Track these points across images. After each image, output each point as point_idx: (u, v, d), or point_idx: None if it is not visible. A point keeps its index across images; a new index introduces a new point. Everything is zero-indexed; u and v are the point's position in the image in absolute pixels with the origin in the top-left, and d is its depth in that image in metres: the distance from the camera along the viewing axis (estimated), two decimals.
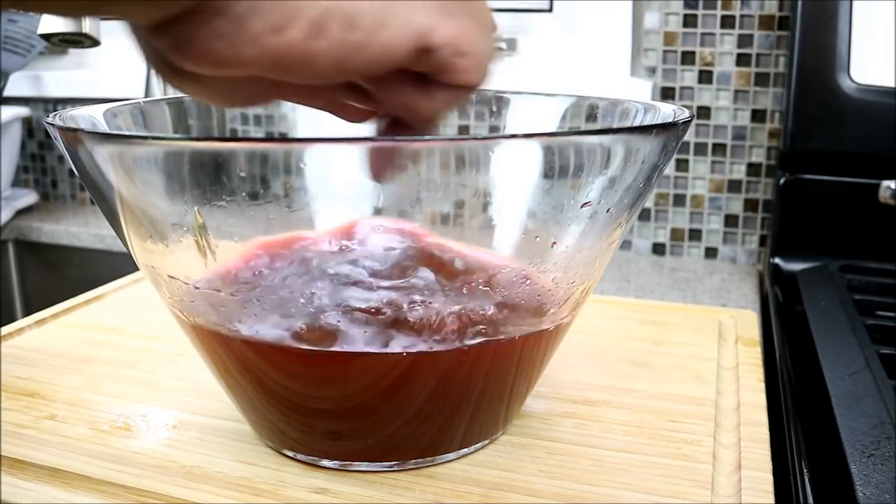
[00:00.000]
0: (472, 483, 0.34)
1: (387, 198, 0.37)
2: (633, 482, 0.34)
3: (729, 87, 0.72)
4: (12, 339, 0.49)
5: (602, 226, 0.33)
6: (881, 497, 0.31)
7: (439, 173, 0.30)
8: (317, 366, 0.32)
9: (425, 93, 0.27)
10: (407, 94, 0.27)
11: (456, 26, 0.25)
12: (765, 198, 0.73)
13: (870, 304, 0.53)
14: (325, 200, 0.34)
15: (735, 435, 0.38)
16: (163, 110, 0.41)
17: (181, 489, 0.34)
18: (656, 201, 0.76)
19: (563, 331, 0.37)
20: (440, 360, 0.32)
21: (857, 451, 0.34)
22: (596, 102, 0.42)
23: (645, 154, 0.31)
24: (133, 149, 0.29)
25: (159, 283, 0.33)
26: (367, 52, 0.23)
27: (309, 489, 0.34)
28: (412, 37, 0.24)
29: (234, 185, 0.29)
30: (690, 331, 0.51)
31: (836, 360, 0.44)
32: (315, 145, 0.29)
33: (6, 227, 0.95)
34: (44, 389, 0.43)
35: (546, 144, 0.30)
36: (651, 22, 0.73)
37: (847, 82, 0.62)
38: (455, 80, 0.26)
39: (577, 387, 0.43)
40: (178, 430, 0.38)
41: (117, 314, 0.53)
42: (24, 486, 0.34)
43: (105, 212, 0.33)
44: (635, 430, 0.38)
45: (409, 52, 0.24)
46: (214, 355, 0.34)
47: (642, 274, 0.72)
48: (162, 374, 0.44)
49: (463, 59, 0.25)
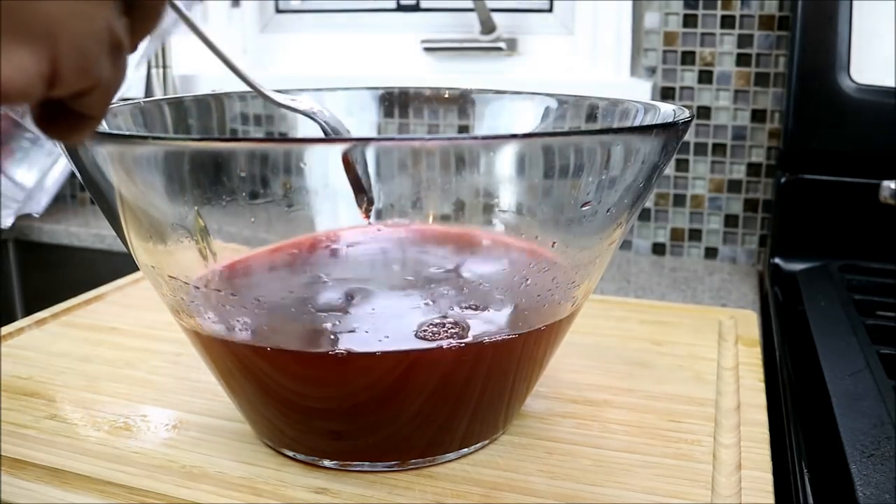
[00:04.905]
0: (473, 483, 0.34)
1: (387, 198, 0.37)
2: (634, 482, 0.34)
3: (729, 87, 0.72)
4: (12, 339, 0.49)
5: (602, 226, 0.33)
6: (881, 497, 0.31)
7: (439, 173, 0.30)
8: (317, 366, 0.32)
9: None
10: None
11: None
12: (765, 198, 0.73)
13: (870, 304, 0.53)
14: (325, 200, 0.34)
15: (735, 435, 0.38)
16: (163, 110, 0.41)
17: (181, 489, 0.34)
18: (656, 201, 0.76)
19: (564, 330, 0.37)
20: (440, 360, 0.32)
21: (857, 451, 0.34)
22: (596, 102, 0.42)
23: (645, 154, 0.31)
24: (133, 149, 0.29)
25: (159, 283, 0.33)
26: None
27: (309, 489, 0.34)
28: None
29: (234, 185, 0.29)
30: (690, 331, 0.51)
31: (836, 360, 0.44)
32: (315, 145, 0.29)
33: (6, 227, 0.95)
34: (44, 389, 0.43)
35: (546, 144, 0.30)
36: (651, 22, 0.73)
37: (847, 82, 0.62)
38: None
39: (577, 387, 0.43)
40: (178, 430, 0.38)
41: (117, 314, 0.53)
42: (24, 486, 0.34)
43: (105, 212, 0.33)
44: (635, 430, 0.38)
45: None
46: (214, 355, 0.34)
47: (642, 274, 0.72)
48: (162, 374, 0.44)
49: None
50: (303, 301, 0.34)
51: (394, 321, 0.33)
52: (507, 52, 0.81)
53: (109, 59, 0.21)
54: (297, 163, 0.30)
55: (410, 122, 0.60)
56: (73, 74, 0.20)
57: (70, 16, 0.19)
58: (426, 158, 0.29)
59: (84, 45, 0.20)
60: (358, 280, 0.35)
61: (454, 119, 0.50)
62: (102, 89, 0.21)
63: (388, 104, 0.50)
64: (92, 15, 0.20)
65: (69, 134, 0.23)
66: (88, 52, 0.20)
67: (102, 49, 0.21)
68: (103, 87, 0.21)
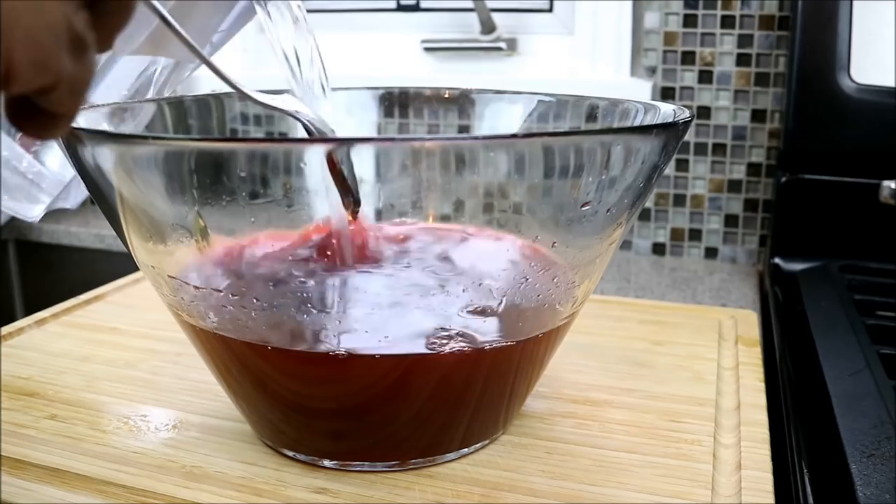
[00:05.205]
0: (473, 483, 0.34)
1: (387, 198, 0.37)
2: (634, 482, 0.34)
3: (729, 87, 0.72)
4: (12, 339, 0.49)
5: (602, 226, 0.33)
6: (881, 497, 0.31)
7: (439, 173, 0.30)
8: (317, 366, 0.32)
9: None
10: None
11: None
12: (765, 198, 0.73)
13: (870, 304, 0.53)
14: (326, 200, 0.34)
15: (735, 435, 0.38)
16: (163, 110, 0.41)
17: (181, 489, 0.34)
18: (656, 201, 0.76)
19: (564, 330, 0.37)
20: (440, 360, 0.32)
21: (857, 451, 0.34)
22: (596, 102, 0.42)
23: (645, 154, 0.31)
24: (133, 149, 0.29)
25: (159, 283, 0.33)
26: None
27: (309, 489, 0.34)
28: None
29: (234, 185, 0.29)
30: (690, 331, 0.51)
31: (836, 360, 0.44)
32: (315, 145, 0.29)
33: (6, 227, 0.95)
34: (44, 389, 0.43)
35: (546, 144, 0.30)
36: (651, 22, 0.73)
37: (847, 82, 0.62)
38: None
39: (577, 387, 0.43)
40: (178, 430, 0.38)
41: (117, 314, 0.53)
42: (24, 486, 0.34)
43: (105, 212, 0.33)
44: (636, 429, 0.38)
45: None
46: (214, 355, 0.34)
47: (642, 274, 0.72)
48: (162, 374, 0.44)
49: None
50: (303, 301, 0.34)
51: (394, 321, 0.33)
52: (507, 52, 0.81)
53: (71, 55, 0.21)
54: (297, 163, 0.30)
55: (410, 122, 0.60)
56: (29, 70, 0.19)
57: (23, 10, 0.19)
58: (426, 158, 0.29)
59: (38, 38, 0.19)
60: (358, 280, 0.35)
61: (454, 119, 0.50)
62: (67, 86, 0.21)
63: (388, 104, 0.50)
64: (47, 8, 0.20)
65: (42, 131, 0.22)
66: (44, 47, 0.20)
67: (60, 44, 0.20)
68: (68, 84, 0.21)
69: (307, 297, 0.34)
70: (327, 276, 0.36)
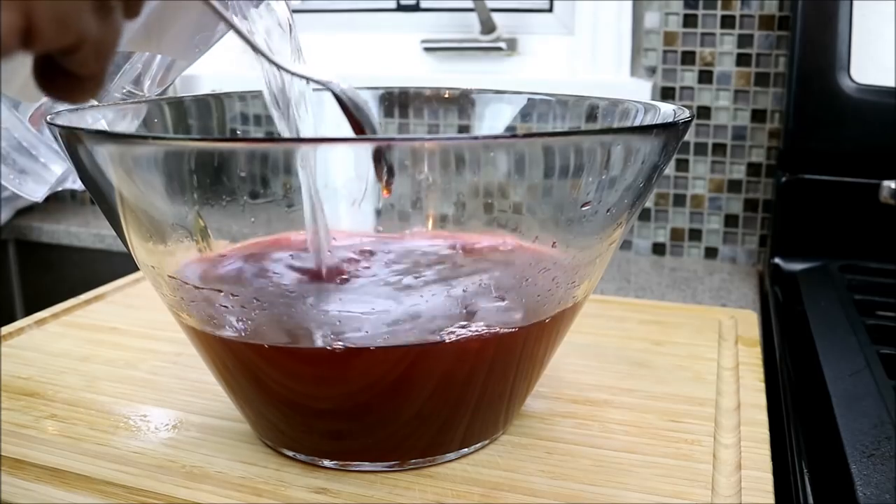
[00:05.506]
0: (473, 483, 0.34)
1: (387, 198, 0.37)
2: (634, 482, 0.34)
3: (729, 87, 0.72)
4: (12, 339, 0.49)
5: (602, 226, 0.33)
6: (881, 497, 0.31)
7: (439, 173, 0.30)
8: (317, 364, 0.32)
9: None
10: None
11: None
12: (765, 198, 0.73)
13: (870, 304, 0.53)
14: (325, 200, 0.34)
15: (735, 435, 0.38)
16: (163, 110, 0.41)
17: (181, 489, 0.34)
18: (656, 201, 0.76)
19: (564, 330, 0.37)
20: (441, 359, 0.32)
21: (857, 451, 0.34)
22: (596, 102, 0.42)
23: (645, 154, 0.31)
24: (133, 149, 0.29)
25: (159, 283, 0.33)
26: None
27: (309, 489, 0.34)
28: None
29: (234, 185, 0.29)
30: (690, 331, 0.51)
31: (836, 360, 0.44)
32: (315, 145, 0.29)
33: (6, 227, 0.95)
34: (44, 389, 0.43)
35: (546, 144, 0.30)
36: (651, 22, 0.73)
37: (847, 82, 0.62)
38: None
39: (577, 387, 0.43)
40: (178, 430, 0.38)
41: (117, 314, 0.53)
42: (24, 486, 0.34)
43: (105, 212, 0.33)
44: (635, 430, 0.38)
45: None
46: (214, 355, 0.34)
47: (642, 274, 0.72)
48: (162, 374, 0.44)
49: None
50: (302, 300, 0.34)
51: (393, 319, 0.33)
52: (507, 52, 0.81)
53: (95, 14, 0.21)
54: (297, 163, 0.30)
55: (410, 122, 0.60)
56: (50, 27, 0.19)
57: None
58: (426, 158, 0.29)
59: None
60: (357, 279, 0.35)
61: (454, 119, 0.50)
62: (91, 47, 0.21)
63: (388, 104, 0.50)
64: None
65: (67, 94, 0.22)
66: (65, 4, 0.20)
67: (82, 2, 0.20)
68: (92, 45, 0.21)
69: (307, 296, 0.34)
70: (327, 275, 0.36)
